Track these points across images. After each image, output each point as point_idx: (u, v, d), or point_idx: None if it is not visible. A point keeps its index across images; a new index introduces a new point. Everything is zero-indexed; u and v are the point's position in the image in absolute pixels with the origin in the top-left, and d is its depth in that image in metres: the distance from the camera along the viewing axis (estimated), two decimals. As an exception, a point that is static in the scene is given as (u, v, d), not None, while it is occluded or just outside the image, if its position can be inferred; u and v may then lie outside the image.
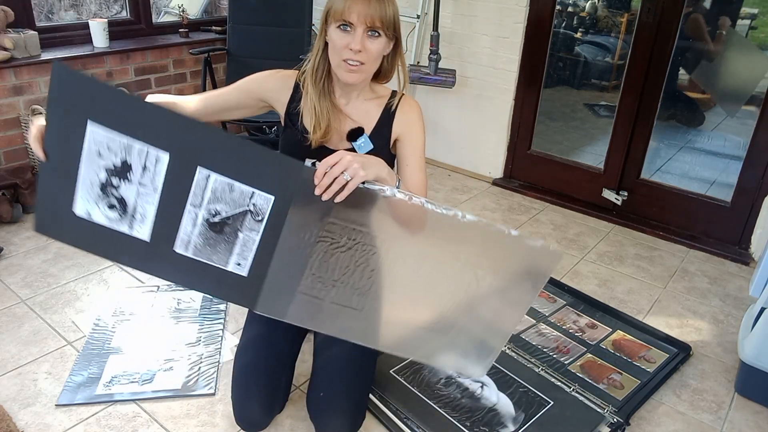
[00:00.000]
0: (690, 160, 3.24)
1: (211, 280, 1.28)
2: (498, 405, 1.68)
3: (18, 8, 2.77)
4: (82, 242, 1.26)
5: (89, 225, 1.22)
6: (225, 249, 1.25)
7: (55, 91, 1.11)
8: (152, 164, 1.16)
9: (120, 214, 1.21)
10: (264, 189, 1.20)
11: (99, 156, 1.15)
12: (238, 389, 1.50)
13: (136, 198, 1.19)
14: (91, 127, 1.12)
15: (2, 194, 2.55)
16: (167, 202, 1.19)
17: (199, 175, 1.17)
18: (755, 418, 1.75)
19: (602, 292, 2.33)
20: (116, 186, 1.18)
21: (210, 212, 1.21)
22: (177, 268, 1.26)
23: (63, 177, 1.18)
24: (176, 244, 1.23)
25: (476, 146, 3.35)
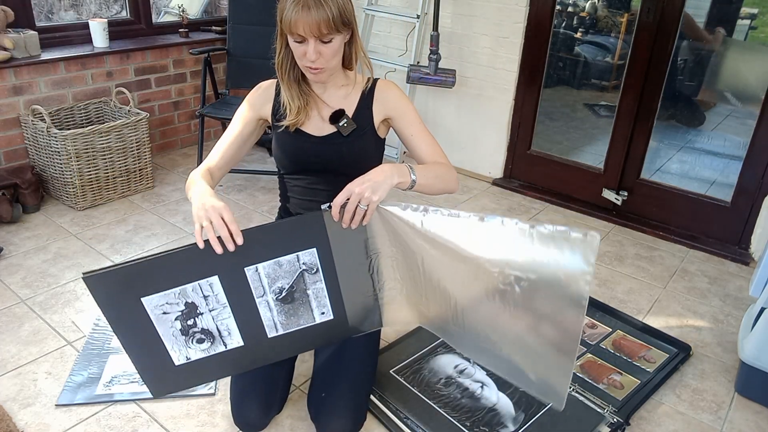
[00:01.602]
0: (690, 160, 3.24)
1: (312, 337, 1.43)
2: (498, 405, 1.68)
3: (18, 8, 2.77)
4: (197, 379, 1.41)
5: (194, 364, 1.35)
6: (305, 310, 1.38)
7: (100, 298, 1.21)
8: (209, 290, 1.27)
9: (210, 341, 1.34)
10: (304, 248, 1.31)
11: (165, 314, 1.27)
12: (237, 389, 1.50)
13: (214, 321, 1.32)
14: (145, 300, 1.24)
15: (2, 194, 2.55)
16: (239, 308, 1.32)
17: (249, 272, 1.28)
18: (755, 418, 1.75)
19: (602, 292, 2.33)
20: (193, 324, 1.30)
21: (276, 292, 1.33)
22: (280, 347, 1.41)
23: (150, 348, 1.30)
24: (267, 332, 1.37)
25: (476, 146, 3.35)
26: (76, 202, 2.73)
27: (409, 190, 1.35)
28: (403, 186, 1.31)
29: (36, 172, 2.75)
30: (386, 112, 1.49)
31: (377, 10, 3.39)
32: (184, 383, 1.40)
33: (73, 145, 2.61)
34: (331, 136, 1.48)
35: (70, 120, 2.93)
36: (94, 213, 2.74)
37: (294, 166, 1.53)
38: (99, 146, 2.72)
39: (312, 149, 1.49)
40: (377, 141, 1.53)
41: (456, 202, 3.06)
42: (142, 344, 1.29)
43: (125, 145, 2.83)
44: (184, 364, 1.34)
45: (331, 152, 1.48)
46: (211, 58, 3.15)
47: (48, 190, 2.83)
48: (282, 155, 1.53)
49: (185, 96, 3.48)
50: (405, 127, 1.49)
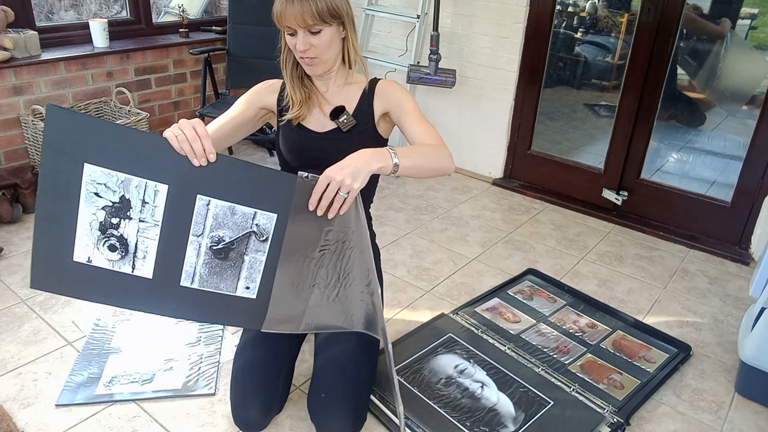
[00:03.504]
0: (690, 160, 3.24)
1: (220, 309, 1.27)
2: (498, 405, 1.68)
3: (18, 8, 2.77)
4: (82, 291, 1.23)
5: (90, 271, 1.19)
6: (232, 275, 1.25)
7: (50, 135, 1.09)
8: (151, 197, 1.15)
9: (121, 254, 1.19)
10: (265, 208, 1.19)
11: (97, 196, 1.14)
12: (237, 389, 1.50)
13: (137, 235, 1.18)
14: (88, 168, 1.11)
15: (2, 194, 2.55)
16: (169, 234, 1.19)
17: (199, 203, 1.17)
18: (755, 418, 1.75)
19: (602, 292, 2.33)
20: (116, 225, 1.17)
21: (213, 239, 1.21)
22: (183, 303, 1.25)
23: (61, 224, 1.16)
24: (182, 278, 1.22)
25: (476, 146, 3.35)
26: (76, 202, 2.72)
27: (396, 176, 1.31)
28: (385, 171, 1.25)
29: (36, 172, 2.75)
30: (385, 106, 1.51)
31: (377, 10, 3.39)
32: (68, 287, 1.22)
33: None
34: (331, 132, 1.50)
35: (70, 120, 2.92)
36: (94, 213, 2.74)
37: (296, 161, 1.55)
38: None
39: (313, 144, 1.51)
40: (378, 139, 1.54)
41: (456, 203, 3.06)
42: (54, 218, 1.15)
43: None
44: (81, 264, 1.18)
45: (331, 148, 1.49)
46: (211, 58, 3.16)
47: (48, 190, 2.83)
48: (285, 149, 1.56)
49: (185, 96, 3.48)
50: (401, 116, 1.49)
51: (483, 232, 2.76)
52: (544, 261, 2.53)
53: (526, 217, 2.94)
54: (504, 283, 2.32)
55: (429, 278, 2.35)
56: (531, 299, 2.23)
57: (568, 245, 2.68)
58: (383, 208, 2.93)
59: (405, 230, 2.74)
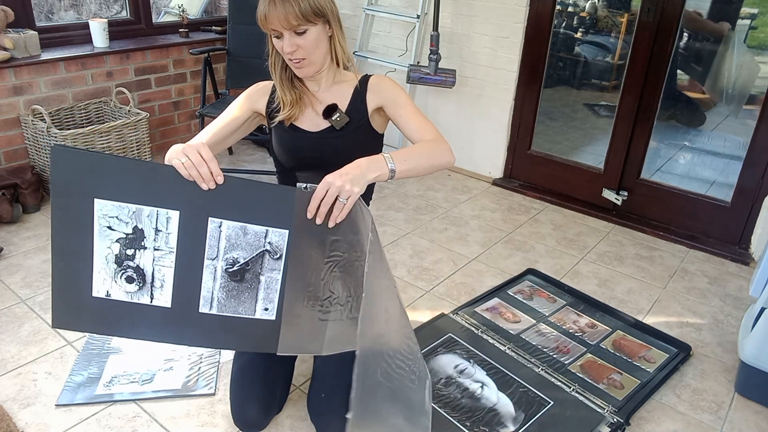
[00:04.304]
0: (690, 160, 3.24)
1: (239, 333, 1.27)
2: (498, 405, 1.68)
3: (18, 8, 2.77)
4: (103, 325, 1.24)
5: (109, 305, 1.20)
6: (250, 297, 1.24)
7: (57, 175, 1.11)
8: (164, 225, 1.16)
9: (139, 285, 1.20)
10: (275, 224, 1.20)
11: (110, 229, 1.15)
12: (236, 389, 1.50)
13: (153, 264, 1.18)
14: (99, 203, 1.13)
15: (2, 194, 2.55)
16: (184, 260, 1.19)
17: (211, 225, 1.17)
18: (755, 418, 1.75)
19: (602, 292, 2.33)
20: (131, 256, 1.18)
21: (228, 262, 1.20)
22: (202, 330, 1.25)
23: (78, 261, 1.16)
24: (200, 304, 1.22)
25: (476, 146, 3.35)
26: (76, 202, 2.72)
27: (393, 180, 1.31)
28: (381, 179, 1.26)
29: (36, 172, 2.75)
30: (379, 101, 1.51)
31: (377, 10, 3.39)
32: (89, 323, 1.23)
33: (73, 145, 2.61)
34: (325, 131, 1.50)
35: (70, 120, 2.93)
36: (94, 213, 2.74)
37: (291, 162, 1.55)
38: (99, 146, 2.72)
39: (308, 144, 1.51)
40: (373, 135, 1.54)
41: (456, 203, 3.06)
42: (71, 255, 1.16)
43: (125, 145, 2.83)
44: (100, 298, 1.19)
45: (326, 147, 1.49)
46: (211, 58, 3.15)
47: (48, 190, 2.83)
48: (280, 151, 1.55)
49: (185, 96, 3.48)
50: (396, 111, 1.49)
51: (483, 232, 2.76)
52: (544, 261, 2.53)
53: (526, 217, 2.94)
54: (504, 283, 2.32)
55: (429, 278, 2.35)
56: (531, 299, 2.23)
57: (568, 245, 2.68)
58: (383, 208, 2.93)
59: (405, 230, 2.74)
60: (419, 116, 1.48)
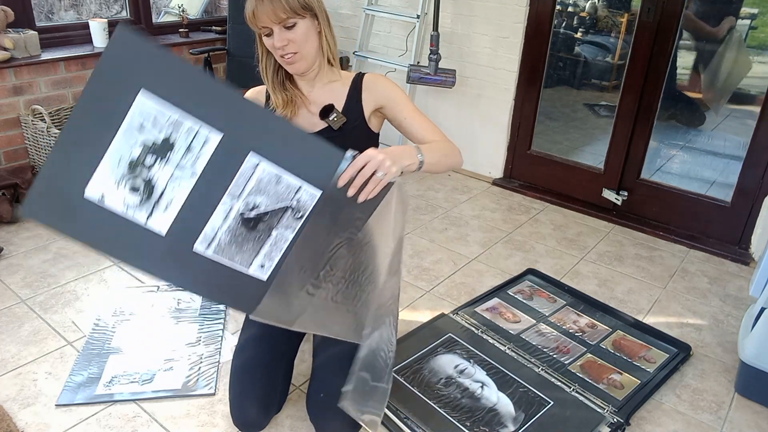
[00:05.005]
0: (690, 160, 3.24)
1: (223, 285, 1.19)
2: (498, 405, 1.68)
3: (18, 8, 2.78)
4: (80, 231, 1.09)
5: (96, 211, 1.07)
6: (252, 249, 1.16)
7: (110, 56, 1.00)
8: (198, 145, 1.07)
9: (142, 199, 1.08)
10: (312, 182, 1.14)
11: (140, 130, 1.04)
12: (235, 389, 1.49)
13: (167, 182, 1.08)
14: (143, 97, 1.02)
15: (2, 194, 2.55)
16: (203, 189, 1.09)
17: (248, 162, 1.10)
18: (755, 418, 1.75)
19: (602, 292, 2.33)
20: (150, 165, 1.07)
21: (248, 205, 1.13)
22: (186, 271, 1.15)
23: (87, 151, 1.04)
24: (197, 240, 1.13)
25: (476, 146, 3.35)
26: (76, 202, 2.72)
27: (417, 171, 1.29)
28: (411, 168, 1.27)
29: (36, 172, 2.75)
30: (377, 101, 1.50)
31: (377, 10, 3.39)
32: (65, 223, 1.09)
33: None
34: (323, 132, 1.49)
35: (70, 120, 2.92)
36: (94, 213, 2.74)
37: None
38: (99, 146, 2.72)
39: None
40: (369, 134, 1.54)
41: (456, 203, 3.06)
42: (79, 146, 1.04)
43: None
44: (90, 201, 1.06)
45: None
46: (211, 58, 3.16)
47: (48, 190, 2.83)
48: None
49: (185, 96, 3.48)
50: (398, 112, 1.49)
51: (483, 232, 2.76)
52: (544, 261, 2.53)
53: (526, 217, 2.94)
54: (504, 283, 2.32)
55: (429, 278, 2.35)
56: (531, 299, 2.23)
57: (568, 245, 2.68)
58: (383, 208, 2.93)
59: (405, 230, 2.74)
60: (422, 116, 1.49)
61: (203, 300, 2.11)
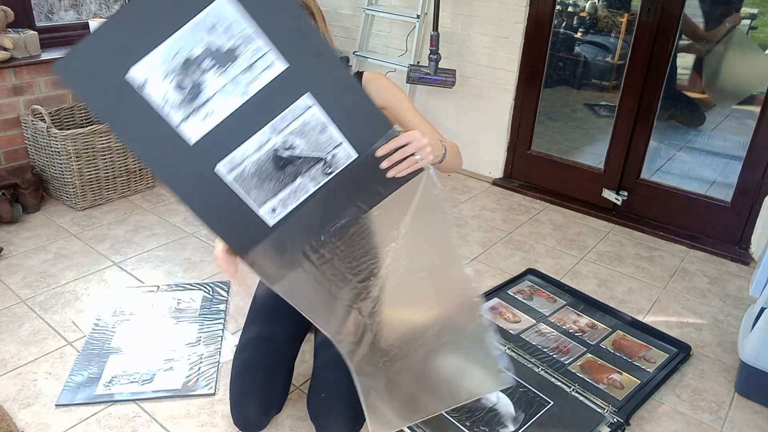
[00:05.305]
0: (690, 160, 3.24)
1: (226, 216, 1.13)
2: (498, 405, 1.68)
3: (18, 8, 2.77)
4: (106, 110, 1.03)
5: (132, 96, 1.01)
6: (270, 189, 1.13)
7: None
8: (261, 67, 1.04)
9: (183, 99, 1.03)
10: (353, 143, 1.12)
11: (210, 30, 1.00)
12: (235, 389, 1.50)
13: (216, 92, 1.04)
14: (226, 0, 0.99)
15: (2, 194, 2.55)
16: (248, 111, 1.06)
17: (301, 101, 1.08)
18: (755, 418, 1.75)
19: (602, 292, 2.33)
20: (204, 69, 1.02)
21: (285, 143, 1.10)
22: (198, 190, 1.09)
23: (147, 30, 0.99)
24: (223, 160, 1.08)
25: (476, 146, 3.35)
26: (76, 202, 2.73)
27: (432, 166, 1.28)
28: (435, 161, 1.25)
29: (36, 172, 2.75)
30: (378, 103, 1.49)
31: (377, 10, 3.39)
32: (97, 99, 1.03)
33: (73, 145, 2.61)
34: None
35: (70, 120, 2.93)
36: (94, 213, 2.74)
37: None
38: (99, 146, 2.72)
39: None
40: None
41: (456, 202, 3.06)
42: (147, 20, 0.98)
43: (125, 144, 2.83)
44: (133, 83, 1.01)
45: None
46: (211, 58, 3.15)
47: (48, 190, 2.83)
48: None
49: (185, 96, 3.48)
50: (401, 113, 1.48)
51: (483, 232, 2.76)
52: (544, 261, 2.53)
53: (526, 217, 2.94)
54: (504, 283, 2.32)
55: (429, 278, 2.35)
56: (531, 299, 2.23)
57: (568, 245, 2.68)
58: (383, 208, 2.93)
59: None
60: (422, 117, 1.48)
61: (203, 300, 2.11)
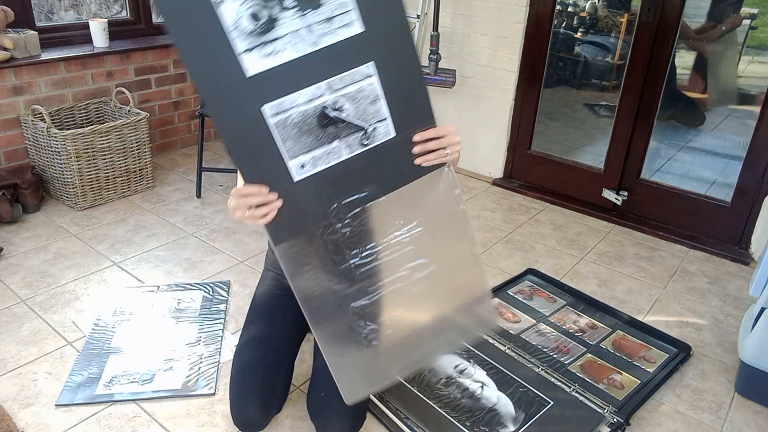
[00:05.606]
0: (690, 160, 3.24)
1: (254, 155, 1.10)
2: (498, 405, 1.68)
3: (18, 8, 2.77)
4: (176, 15, 0.99)
5: (204, 7, 0.98)
6: (306, 144, 1.11)
7: None
8: (340, 23, 1.04)
9: (254, 30, 1.01)
10: (396, 123, 1.15)
11: None
12: (235, 389, 1.50)
13: (288, 34, 1.02)
14: None
15: (2, 194, 2.55)
16: (311, 63, 1.05)
17: (364, 68, 1.08)
18: (755, 418, 1.75)
19: (602, 292, 2.33)
20: (285, 7, 1.02)
21: (335, 103, 1.10)
22: (237, 119, 1.06)
23: None
24: (272, 102, 1.06)
25: (476, 146, 3.35)
26: (76, 202, 2.73)
27: None
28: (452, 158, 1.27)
29: (36, 172, 2.75)
30: None
31: (377, 10, 3.38)
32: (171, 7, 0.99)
33: (73, 145, 2.61)
34: None
35: (70, 120, 2.93)
36: (94, 213, 2.74)
37: None
38: (99, 146, 2.72)
39: None
40: None
41: (456, 202, 3.06)
42: None
43: (125, 145, 2.83)
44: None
45: None
46: (211, 58, 3.15)
47: (48, 190, 2.83)
48: None
49: (185, 96, 3.48)
50: None
51: (483, 232, 2.76)
52: (544, 261, 2.53)
53: (526, 217, 2.94)
54: (504, 283, 2.32)
55: (429, 278, 2.35)
56: (531, 299, 2.23)
57: (568, 245, 2.68)
58: (383, 208, 2.93)
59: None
60: None
61: (203, 300, 2.11)
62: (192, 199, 2.92)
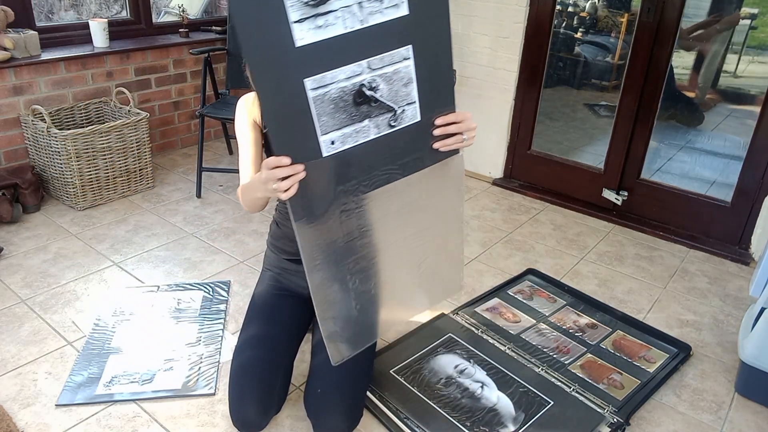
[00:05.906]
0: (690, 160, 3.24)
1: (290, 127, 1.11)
2: (498, 405, 1.68)
3: (18, 8, 2.77)
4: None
5: None
6: (338, 121, 1.13)
7: None
8: (388, 4, 1.08)
9: (309, 1, 1.03)
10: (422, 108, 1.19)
11: None
12: (234, 389, 1.50)
13: (340, 8, 1.05)
14: None
15: (2, 194, 2.55)
16: (356, 39, 1.08)
17: (402, 51, 1.13)
18: (755, 418, 1.75)
19: (602, 292, 2.33)
20: None
21: (372, 82, 1.13)
22: (280, 89, 1.07)
23: None
24: (313, 77, 1.08)
25: (476, 146, 3.33)
26: (76, 202, 2.73)
27: None
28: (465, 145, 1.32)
29: (36, 172, 2.75)
30: None
31: (377, 10, 3.39)
32: None
33: (73, 145, 2.61)
34: None
35: (70, 120, 2.93)
36: (94, 213, 2.74)
37: None
38: (99, 146, 2.72)
39: None
40: None
41: (456, 202, 3.06)
42: None
43: (125, 145, 2.83)
44: None
45: None
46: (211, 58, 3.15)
47: (48, 190, 2.83)
48: None
49: (185, 96, 3.48)
50: None
51: (483, 232, 2.76)
52: (544, 261, 2.53)
53: (526, 217, 2.94)
54: (504, 283, 2.32)
55: (429, 278, 2.35)
56: (531, 299, 2.23)
57: (568, 245, 2.68)
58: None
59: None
60: None
61: (203, 300, 2.11)
62: (192, 199, 2.92)
